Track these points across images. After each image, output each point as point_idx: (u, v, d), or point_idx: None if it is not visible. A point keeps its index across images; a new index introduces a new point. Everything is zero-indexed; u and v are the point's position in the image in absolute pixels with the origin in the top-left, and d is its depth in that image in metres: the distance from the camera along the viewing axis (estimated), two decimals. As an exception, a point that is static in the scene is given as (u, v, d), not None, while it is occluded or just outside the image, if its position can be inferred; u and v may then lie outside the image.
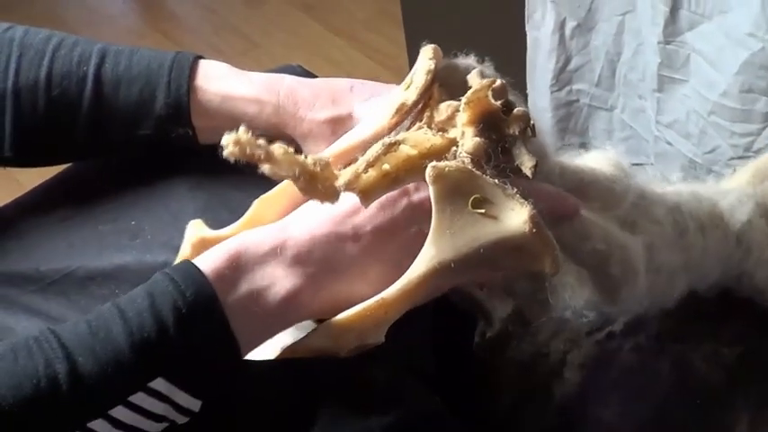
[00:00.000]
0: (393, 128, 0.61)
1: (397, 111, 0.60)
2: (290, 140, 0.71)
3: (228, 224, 0.64)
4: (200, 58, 0.74)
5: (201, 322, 0.52)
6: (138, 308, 0.52)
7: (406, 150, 0.56)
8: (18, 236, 0.73)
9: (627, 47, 1.07)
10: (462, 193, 0.54)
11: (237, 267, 0.55)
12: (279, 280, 0.56)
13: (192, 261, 0.55)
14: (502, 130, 0.56)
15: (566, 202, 0.61)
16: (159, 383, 0.51)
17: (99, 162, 0.78)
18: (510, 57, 0.85)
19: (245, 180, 0.73)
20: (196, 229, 0.62)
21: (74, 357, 0.50)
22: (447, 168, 0.54)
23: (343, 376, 0.58)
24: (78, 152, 0.74)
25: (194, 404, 0.53)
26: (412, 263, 0.55)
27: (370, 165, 0.55)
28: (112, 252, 0.71)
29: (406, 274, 0.55)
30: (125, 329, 0.51)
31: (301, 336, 0.58)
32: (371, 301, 0.55)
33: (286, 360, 0.58)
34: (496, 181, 0.55)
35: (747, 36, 0.85)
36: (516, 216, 0.54)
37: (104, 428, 0.51)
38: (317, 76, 0.85)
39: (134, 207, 0.74)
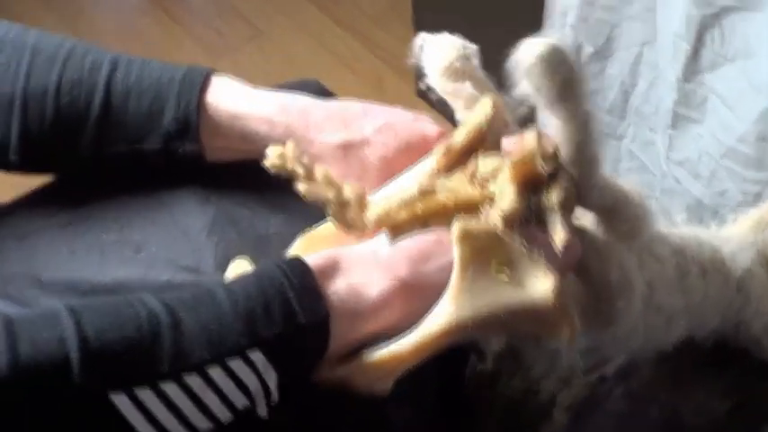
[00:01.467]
0: (443, 171, 0.60)
1: (445, 153, 0.58)
2: None
3: (236, 244, 0.66)
4: (213, 73, 0.72)
5: (305, 308, 0.53)
6: (244, 283, 0.54)
7: (441, 198, 0.56)
8: (17, 237, 0.71)
9: (642, 78, 1.05)
10: (487, 255, 0.54)
11: (336, 266, 0.56)
12: (375, 280, 0.57)
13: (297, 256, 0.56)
14: (541, 197, 0.55)
15: (574, 259, 0.59)
16: (257, 356, 0.52)
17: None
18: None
19: (251, 198, 0.73)
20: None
21: (177, 313, 0.51)
22: (474, 230, 0.53)
23: (360, 416, 0.59)
24: (81, 164, 0.72)
25: (276, 394, 0.54)
26: None
27: (405, 204, 0.56)
28: (116, 264, 0.69)
29: (421, 327, 0.55)
30: (230, 298, 0.52)
31: None
32: (384, 352, 0.55)
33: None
34: (524, 247, 0.54)
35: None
36: (540, 285, 0.53)
37: (197, 385, 0.50)
38: (333, 94, 0.83)
39: (140, 217, 0.72)
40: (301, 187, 0.56)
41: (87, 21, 2.11)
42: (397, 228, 0.56)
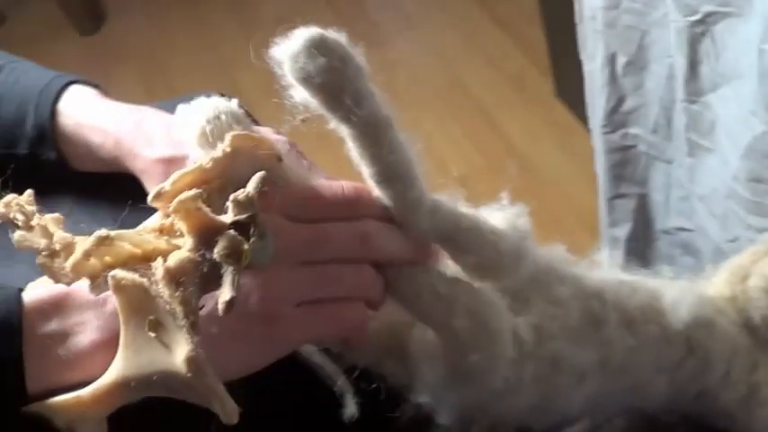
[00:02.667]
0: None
1: (155, 197, 0.53)
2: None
3: None
4: (77, 82, 0.73)
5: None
6: None
7: (128, 248, 0.51)
8: None
9: (677, 94, 0.88)
10: (141, 310, 0.49)
11: (60, 304, 0.53)
12: (92, 327, 0.53)
13: (24, 288, 0.54)
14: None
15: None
16: None
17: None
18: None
19: (104, 216, 0.71)
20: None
21: None
22: (123, 281, 0.49)
23: None
24: None
25: None
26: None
27: (87, 255, 0.51)
28: None
29: (101, 378, 0.50)
30: None
31: None
32: (70, 396, 0.51)
33: None
34: (169, 306, 0.48)
35: (750, 114, 0.66)
36: (180, 352, 0.47)
37: None
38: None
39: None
40: (16, 236, 0.52)
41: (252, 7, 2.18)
42: (94, 277, 0.51)
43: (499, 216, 0.58)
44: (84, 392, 0.50)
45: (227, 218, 0.48)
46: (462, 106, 1.81)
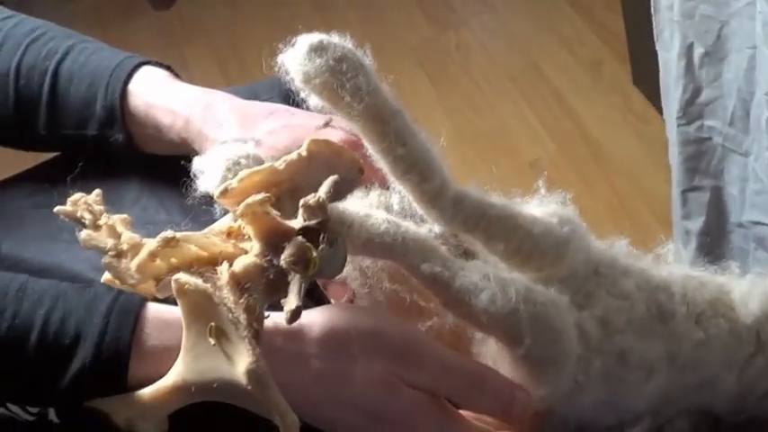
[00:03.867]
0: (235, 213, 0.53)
1: (221, 194, 0.53)
2: None
3: None
4: (148, 63, 0.73)
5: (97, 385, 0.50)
6: (60, 328, 0.49)
7: (194, 250, 0.51)
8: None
9: (759, 86, 0.86)
10: (204, 316, 0.48)
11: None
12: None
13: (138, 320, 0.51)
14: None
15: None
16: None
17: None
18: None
19: (172, 199, 0.72)
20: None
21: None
22: (186, 285, 0.48)
23: None
24: (41, 143, 0.76)
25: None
26: None
27: (152, 256, 0.51)
28: (61, 249, 0.70)
29: (161, 380, 0.50)
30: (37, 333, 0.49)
31: None
32: (131, 393, 0.51)
33: None
34: (234, 316, 0.47)
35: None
36: (241, 364, 0.47)
37: None
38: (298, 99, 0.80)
39: None
40: (83, 234, 0.53)
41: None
42: (159, 278, 0.51)
43: (540, 208, 0.58)
44: (145, 392, 0.50)
45: (297, 223, 0.47)
46: (537, 91, 1.79)
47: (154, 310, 0.52)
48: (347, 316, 0.53)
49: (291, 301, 0.46)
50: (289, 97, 0.71)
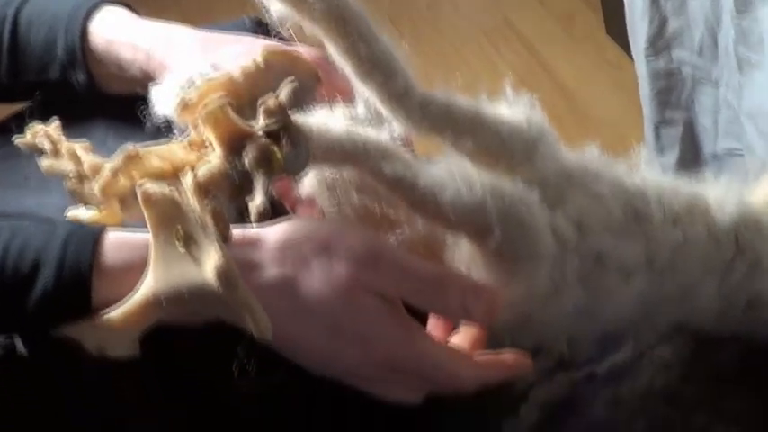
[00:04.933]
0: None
1: (180, 106, 0.53)
2: None
3: None
4: (107, 3, 0.72)
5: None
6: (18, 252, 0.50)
7: (157, 164, 0.51)
8: None
9: (725, 12, 0.84)
10: (171, 224, 0.48)
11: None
12: None
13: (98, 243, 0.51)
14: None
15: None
16: None
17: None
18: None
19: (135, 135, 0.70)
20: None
21: None
22: (152, 194, 0.48)
23: None
24: (5, 92, 0.76)
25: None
26: None
27: (115, 174, 0.51)
28: (31, 193, 0.70)
29: (131, 296, 0.50)
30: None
31: None
32: (100, 316, 0.51)
33: None
34: (200, 217, 0.47)
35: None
36: (210, 264, 0.47)
37: None
38: (269, 31, 0.78)
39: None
40: (44, 162, 0.53)
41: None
42: (124, 197, 0.51)
43: (507, 110, 0.56)
44: (114, 312, 0.49)
45: (258, 127, 0.47)
46: (510, 46, 1.78)
47: (113, 233, 0.51)
48: (305, 224, 0.52)
49: (257, 200, 0.46)
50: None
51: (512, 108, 0.57)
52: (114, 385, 0.53)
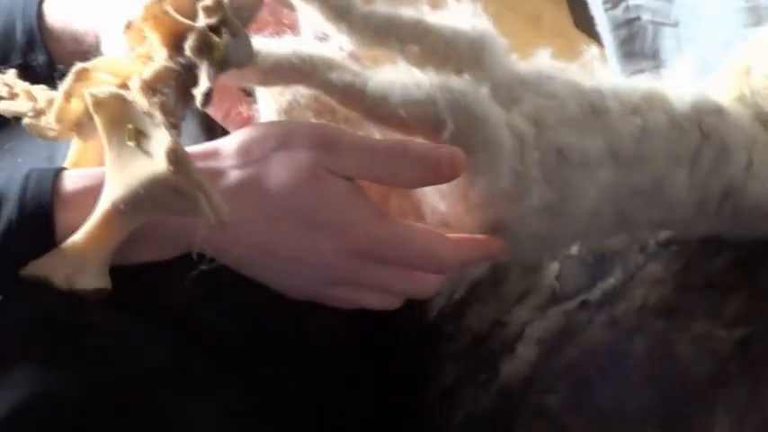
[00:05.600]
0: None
1: (126, 27, 0.54)
2: None
3: None
4: None
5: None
6: None
7: (108, 79, 0.52)
8: None
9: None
10: (122, 123, 0.49)
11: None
12: None
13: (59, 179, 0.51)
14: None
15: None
16: None
17: None
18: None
19: None
20: None
21: None
22: (103, 96, 0.49)
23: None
24: None
25: None
26: None
27: (68, 96, 0.52)
28: None
29: (92, 215, 0.50)
30: None
31: None
32: (64, 244, 0.51)
33: None
34: (148, 109, 0.48)
35: None
36: (160, 150, 0.47)
37: None
38: None
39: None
40: (1, 105, 0.54)
41: None
42: (80, 123, 0.52)
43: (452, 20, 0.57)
44: (78, 233, 0.49)
45: (198, 23, 0.48)
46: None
47: (71, 170, 0.52)
48: (260, 126, 0.53)
49: (203, 84, 0.47)
50: None
51: (455, 16, 0.58)
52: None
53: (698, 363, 0.68)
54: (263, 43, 0.54)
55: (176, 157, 0.45)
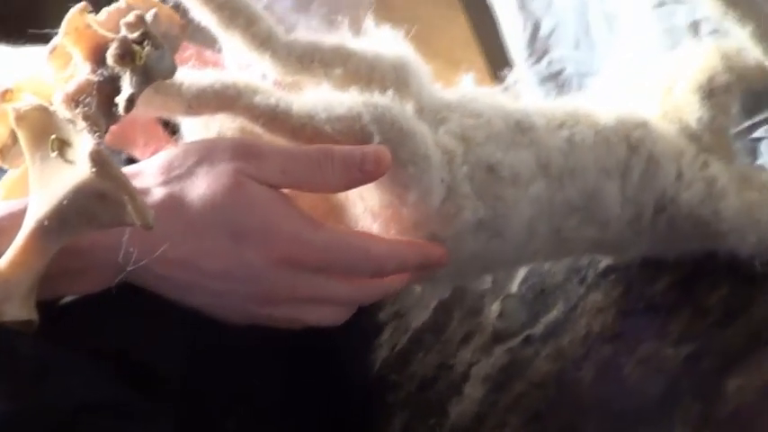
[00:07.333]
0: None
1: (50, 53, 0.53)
2: None
3: None
4: None
5: None
6: None
7: (30, 99, 0.51)
8: None
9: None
10: (45, 135, 0.48)
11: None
12: None
13: None
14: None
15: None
16: None
17: None
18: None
19: None
20: None
21: None
22: (23, 109, 0.49)
23: None
24: None
25: None
26: None
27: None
28: None
29: (15, 238, 0.48)
30: None
31: None
32: None
33: None
34: (71, 117, 0.47)
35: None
36: (83, 154, 0.46)
37: None
38: None
39: None
40: None
41: None
42: (3, 148, 0.52)
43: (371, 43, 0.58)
44: (2, 259, 0.47)
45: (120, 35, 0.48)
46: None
47: None
48: (181, 145, 0.53)
49: (125, 92, 0.46)
50: None
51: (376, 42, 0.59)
52: None
53: (648, 383, 0.67)
54: (187, 74, 0.54)
55: (99, 157, 0.45)
